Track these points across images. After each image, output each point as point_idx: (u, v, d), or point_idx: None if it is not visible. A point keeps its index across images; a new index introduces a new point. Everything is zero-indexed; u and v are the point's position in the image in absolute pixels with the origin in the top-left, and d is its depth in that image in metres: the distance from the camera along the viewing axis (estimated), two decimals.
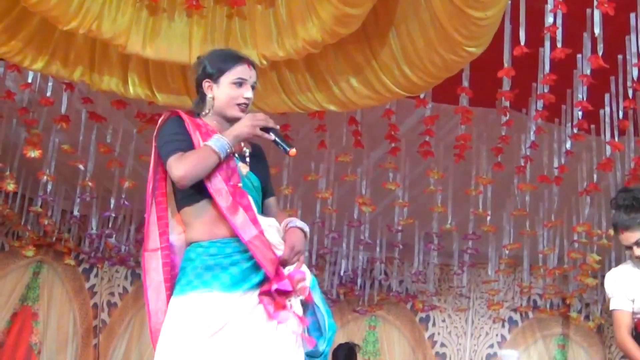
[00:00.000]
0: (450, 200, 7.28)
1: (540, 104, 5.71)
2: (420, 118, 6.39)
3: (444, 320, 9.77)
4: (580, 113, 5.73)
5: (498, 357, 9.77)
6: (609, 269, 5.81)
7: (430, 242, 8.02)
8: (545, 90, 5.52)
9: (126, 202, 7.27)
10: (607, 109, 5.97)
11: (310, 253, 8.29)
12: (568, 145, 6.25)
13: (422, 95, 5.97)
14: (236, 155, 3.36)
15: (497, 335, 9.86)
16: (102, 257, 9.34)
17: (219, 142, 3.25)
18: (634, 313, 4.64)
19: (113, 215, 7.64)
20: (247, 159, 3.44)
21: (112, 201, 7.37)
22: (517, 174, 6.75)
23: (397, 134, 6.47)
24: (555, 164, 6.55)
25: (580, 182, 6.85)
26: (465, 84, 5.78)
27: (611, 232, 6.93)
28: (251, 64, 3.52)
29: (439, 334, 9.73)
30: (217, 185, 3.25)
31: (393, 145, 6.57)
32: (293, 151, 3.39)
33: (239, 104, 3.43)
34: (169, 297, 3.27)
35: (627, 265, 4.85)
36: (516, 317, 9.90)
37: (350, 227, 7.96)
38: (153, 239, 3.37)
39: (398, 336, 9.65)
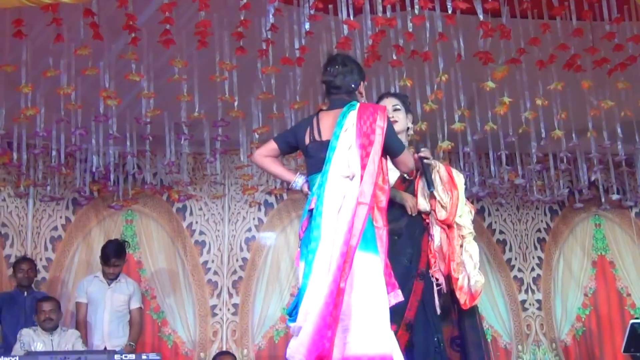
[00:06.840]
0: (197, 88, 7.25)
1: None
2: (159, 6, 6.27)
3: (200, 209, 9.81)
4: None
5: (256, 240, 9.95)
6: None
7: (181, 131, 7.98)
8: None
9: None
10: None
11: (58, 152, 8.06)
12: (307, 26, 6.36)
13: None
14: None
15: (254, 219, 10.01)
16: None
17: None
18: None
19: None
20: None
21: None
22: (260, 58, 6.80)
23: (136, 23, 6.32)
24: (296, 45, 6.64)
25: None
26: None
27: None
28: None
29: (197, 222, 9.77)
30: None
31: (133, 35, 6.42)
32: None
33: None
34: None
35: None
36: (271, 199, 10.07)
37: (98, 122, 7.75)
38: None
39: (156, 228, 9.63)
